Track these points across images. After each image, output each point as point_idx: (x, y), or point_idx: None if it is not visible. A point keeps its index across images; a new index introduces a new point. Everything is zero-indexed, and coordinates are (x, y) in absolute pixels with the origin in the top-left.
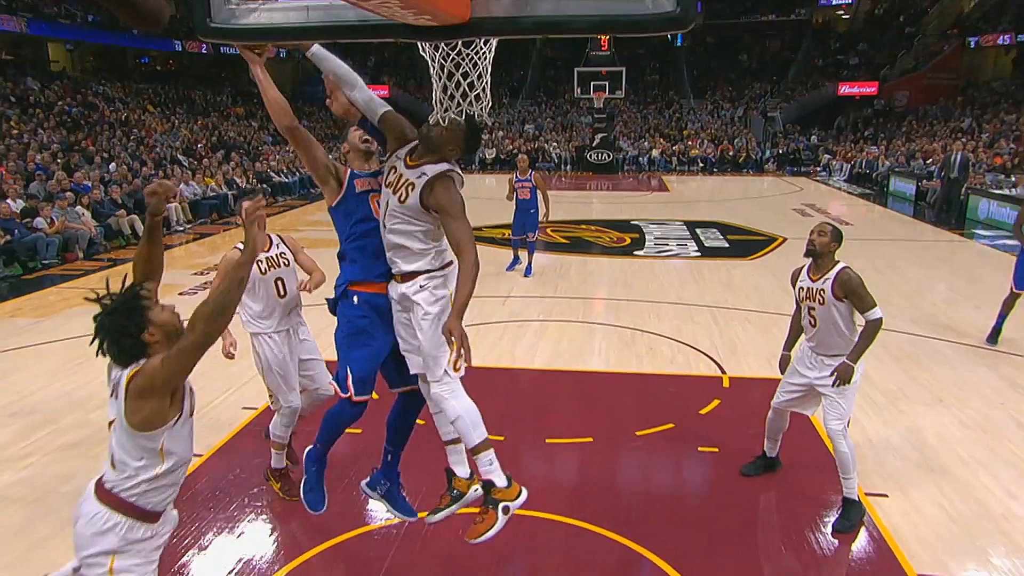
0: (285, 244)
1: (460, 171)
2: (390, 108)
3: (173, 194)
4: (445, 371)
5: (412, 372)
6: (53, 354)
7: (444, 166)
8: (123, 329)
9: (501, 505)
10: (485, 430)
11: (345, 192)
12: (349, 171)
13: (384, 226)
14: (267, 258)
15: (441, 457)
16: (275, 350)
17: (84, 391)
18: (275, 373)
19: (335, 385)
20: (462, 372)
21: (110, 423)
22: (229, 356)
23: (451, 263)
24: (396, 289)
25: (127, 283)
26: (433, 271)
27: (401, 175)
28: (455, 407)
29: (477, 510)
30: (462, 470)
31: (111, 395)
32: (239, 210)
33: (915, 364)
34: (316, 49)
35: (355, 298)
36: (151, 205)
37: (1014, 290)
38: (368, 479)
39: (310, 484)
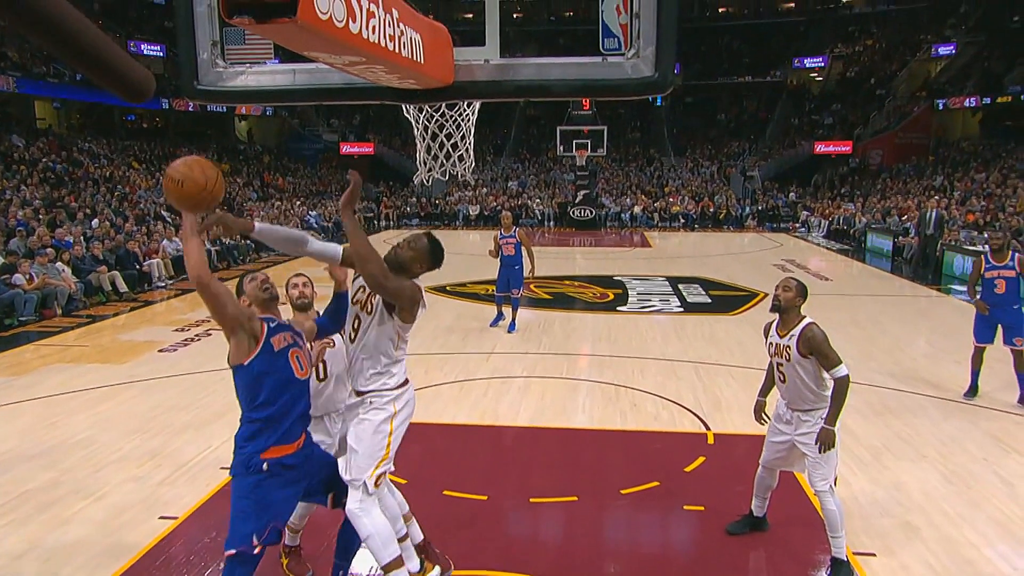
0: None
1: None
2: (344, 246)
3: None
4: (364, 484)
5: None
6: (26, 413)
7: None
8: None
9: None
10: (397, 547)
11: (261, 350)
12: (266, 327)
13: (353, 343)
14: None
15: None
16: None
17: (57, 451)
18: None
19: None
20: (382, 488)
21: None
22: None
23: (406, 383)
24: (347, 401)
25: None
26: (385, 390)
27: (370, 294)
28: (367, 525)
29: None
30: (413, 564)
31: None
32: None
33: (898, 419)
34: (259, 228)
35: (264, 465)
36: None
37: (976, 344)
38: None
39: None
